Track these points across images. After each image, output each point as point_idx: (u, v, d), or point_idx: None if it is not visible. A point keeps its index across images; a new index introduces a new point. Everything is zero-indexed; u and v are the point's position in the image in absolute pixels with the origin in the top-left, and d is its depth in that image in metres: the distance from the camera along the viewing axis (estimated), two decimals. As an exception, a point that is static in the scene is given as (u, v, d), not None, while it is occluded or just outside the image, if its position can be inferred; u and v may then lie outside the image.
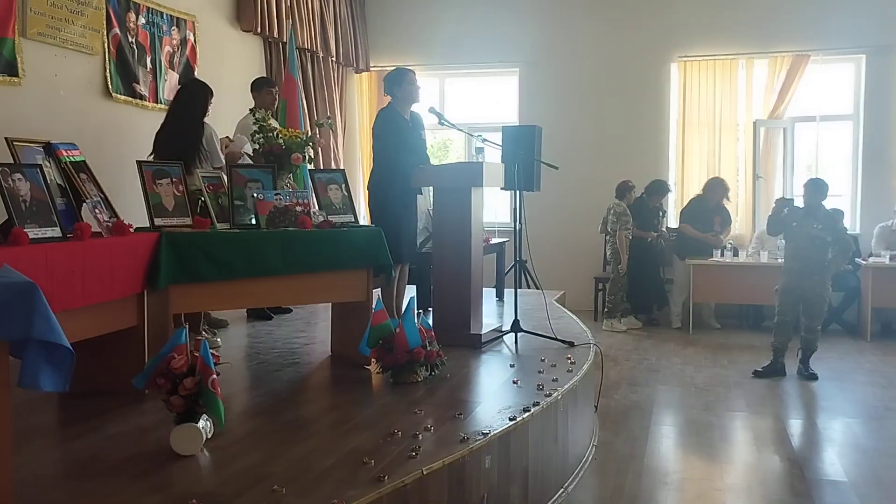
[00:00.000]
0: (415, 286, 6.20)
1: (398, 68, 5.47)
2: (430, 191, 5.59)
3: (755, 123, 9.04)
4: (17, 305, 2.11)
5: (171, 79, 6.51)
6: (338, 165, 8.85)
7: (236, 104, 6.42)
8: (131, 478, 2.69)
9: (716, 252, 8.22)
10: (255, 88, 6.31)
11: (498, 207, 8.71)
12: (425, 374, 4.05)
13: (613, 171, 8.85)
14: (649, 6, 9.31)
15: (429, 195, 5.89)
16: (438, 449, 2.96)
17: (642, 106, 9.37)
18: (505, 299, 7.10)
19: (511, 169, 5.31)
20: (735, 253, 8.28)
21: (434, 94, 9.92)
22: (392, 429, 3.18)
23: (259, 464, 2.82)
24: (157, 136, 5.08)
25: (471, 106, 10.16)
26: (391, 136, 5.28)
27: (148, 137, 5.12)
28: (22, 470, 2.67)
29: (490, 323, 5.35)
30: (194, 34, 6.87)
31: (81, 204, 3.65)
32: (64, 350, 2.17)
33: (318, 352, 4.96)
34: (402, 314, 4.15)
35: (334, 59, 9.12)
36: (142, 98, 6.18)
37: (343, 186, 4.72)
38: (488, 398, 3.79)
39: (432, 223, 5.41)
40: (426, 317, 4.62)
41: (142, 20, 6.22)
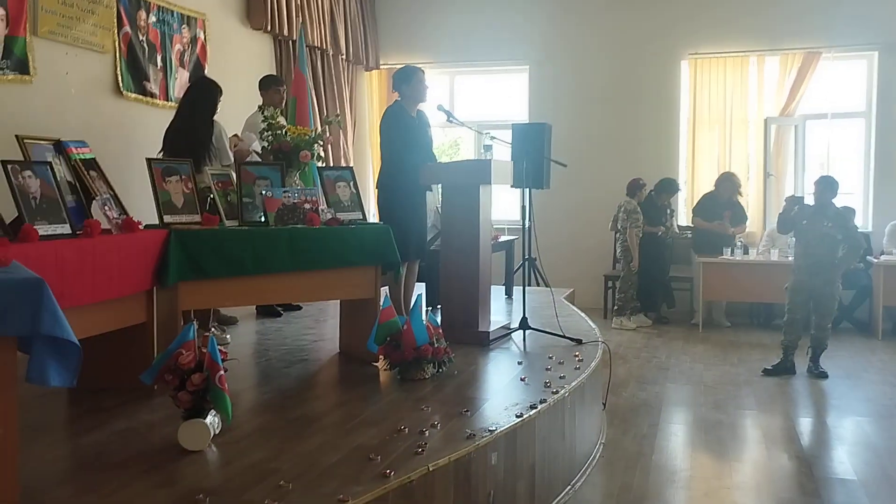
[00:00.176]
0: (424, 283, 6.20)
1: (408, 66, 5.47)
2: (439, 188, 5.59)
3: (766, 121, 8.99)
4: (25, 301, 2.13)
5: (182, 77, 6.54)
6: (347, 163, 8.88)
7: (246, 102, 6.44)
8: (139, 473, 2.70)
9: (726, 250, 8.19)
10: (263, 87, 6.33)
11: (508, 205, 8.70)
12: (433, 371, 4.06)
13: (623, 169, 8.85)
14: (660, 3, 9.29)
15: (438, 192, 5.89)
16: (445, 445, 2.96)
17: (653, 103, 9.35)
18: (514, 297, 7.10)
19: (520, 167, 5.31)
20: (745, 251, 8.25)
21: (444, 92, 9.92)
22: (399, 425, 3.18)
23: (266, 459, 2.83)
24: (167, 134, 5.12)
25: (481, 103, 10.16)
26: (399, 134, 5.29)
27: (158, 135, 5.15)
28: (29, 465, 2.69)
29: (498, 320, 5.35)
30: (204, 32, 6.90)
31: (91, 201, 3.67)
32: (71, 346, 2.19)
33: (327, 349, 4.97)
34: (410, 311, 4.15)
35: (344, 57, 9.14)
36: (152, 96, 6.21)
37: (351, 184, 4.73)
38: (495, 395, 3.79)
39: (441, 220, 5.41)
40: (434, 314, 4.61)
41: (152, 18, 6.25)
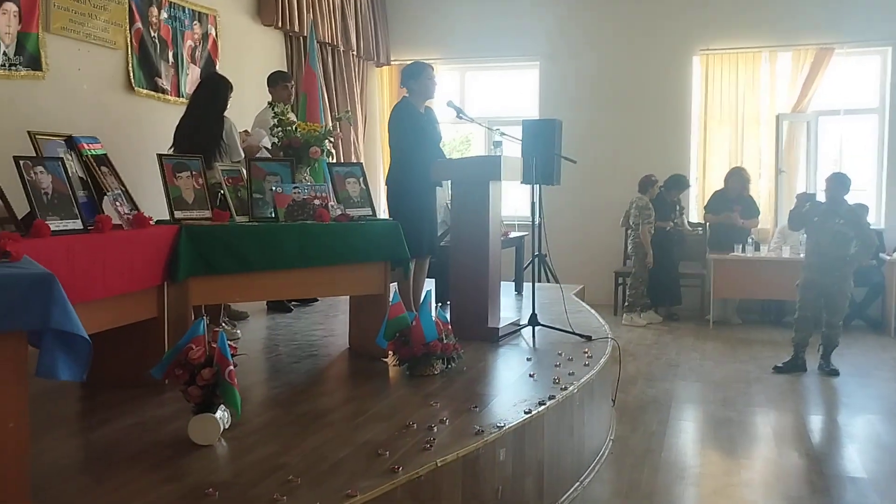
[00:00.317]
0: (433, 279, 6.21)
1: (417, 62, 5.47)
2: (449, 184, 5.59)
3: (778, 117, 8.93)
4: (35, 296, 2.14)
5: (193, 73, 6.56)
6: (358, 159, 8.88)
7: (257, 98, 6.46)
8: (149, 467, 2.73)
9: (737, 246, 8.15)
10: (271, 83, 6.33)
11: (518, 201, 8.69)
12: (442, 367, 4.06)
13: (634, 166, 8.82)
14: (671, -1, 9.25)
15: (447, 188, 5.89)
16: (453, 441, 2.96)
17: (664, 100, 9.30)
18: (524, 293, 7.09)
19: (530, 163, 5.31)
20: (757, 248, 8.21)
21: (454, 88, 9.90)
22: (407, 421, 3.19)
23: (275, 454, 2.85)
24: (178, 130, 5.13)
25: (491, 99, 10.14)
26: (408, 130, 5.29)
27: (169, 131, 5.17)
28: (40, 459, 2.72)
29: (508, 317, 5.36)
30: (216, 28, 6.91)
31: (102, 197, 3.70)
32: (81, 340, 2.20)
33: (336, 344, 4.99)
34: (420, 307, 4.16)
35: (355, 53, 9.14)
36: (164, 92, 6.23)
37: (361, 180, 4.74)
38: (504, 391, 3.79)
39: (450, 216, 5.42)
40: (444, 310, 4.62)
41: (164, 15, 6.27)
